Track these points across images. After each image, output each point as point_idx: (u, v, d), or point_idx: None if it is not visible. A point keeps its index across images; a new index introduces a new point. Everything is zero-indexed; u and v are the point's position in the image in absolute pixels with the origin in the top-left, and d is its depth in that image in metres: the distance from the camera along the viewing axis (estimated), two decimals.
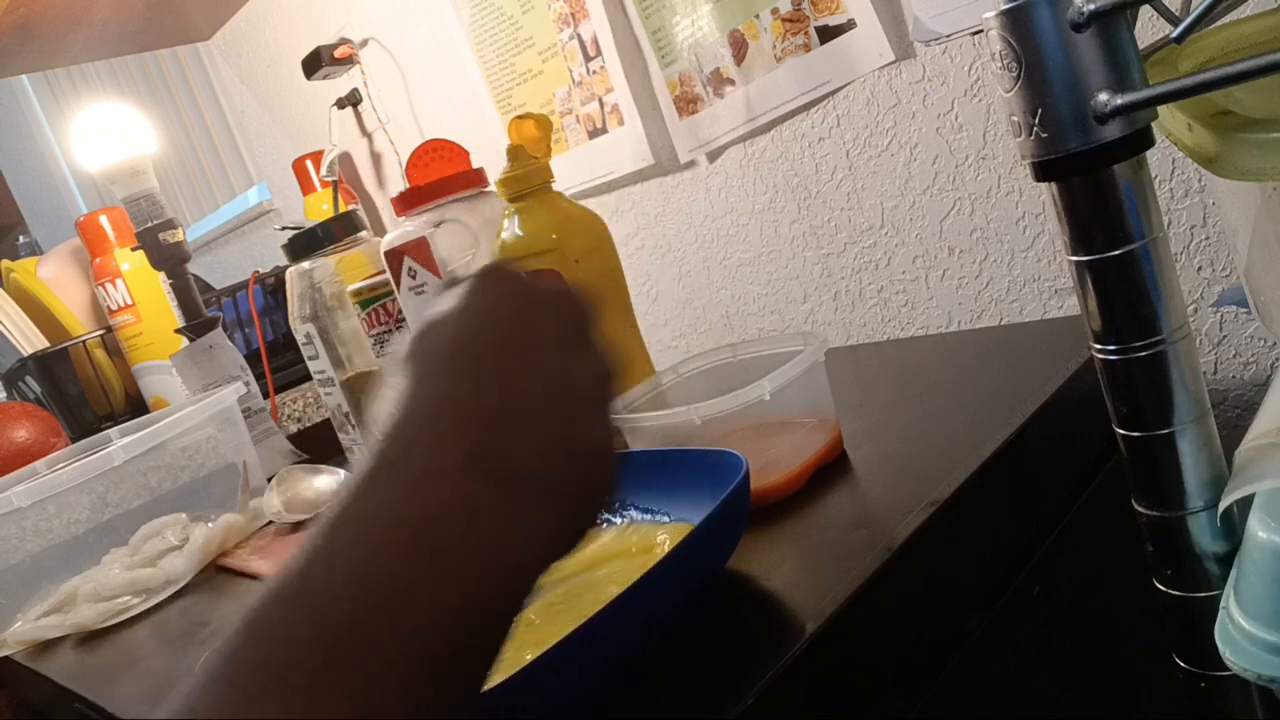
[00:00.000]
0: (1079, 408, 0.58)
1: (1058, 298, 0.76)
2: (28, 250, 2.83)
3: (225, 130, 1.89)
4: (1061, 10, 0.34)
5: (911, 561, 0.46)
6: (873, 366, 0.79)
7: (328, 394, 1.04)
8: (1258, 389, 0.69)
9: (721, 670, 0.41)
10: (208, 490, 0.99)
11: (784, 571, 0.47)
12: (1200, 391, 0.38)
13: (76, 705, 0.69)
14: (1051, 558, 0.54)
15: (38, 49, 1.32)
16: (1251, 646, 0.35)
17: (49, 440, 1.26)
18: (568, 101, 1.04)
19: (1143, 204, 0.37)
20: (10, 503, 0.85)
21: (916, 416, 0.62)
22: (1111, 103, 0.34)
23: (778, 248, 0.94)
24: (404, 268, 0.82)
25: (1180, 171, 0.67)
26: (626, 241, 1.07)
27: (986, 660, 0.50)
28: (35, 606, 0.86)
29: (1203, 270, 0.68)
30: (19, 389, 1.57)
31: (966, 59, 0.74)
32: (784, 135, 0.88)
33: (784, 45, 0.83)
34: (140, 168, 1.17)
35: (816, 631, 0.41)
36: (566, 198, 0.76)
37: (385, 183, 1.42)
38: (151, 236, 1.17)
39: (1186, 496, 0.39)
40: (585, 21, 0.97)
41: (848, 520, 0.50)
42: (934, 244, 0.82)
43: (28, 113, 2.87)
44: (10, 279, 1.52)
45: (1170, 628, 0.42)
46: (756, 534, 0.51)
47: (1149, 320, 0.37)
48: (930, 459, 0.54)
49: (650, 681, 0.42)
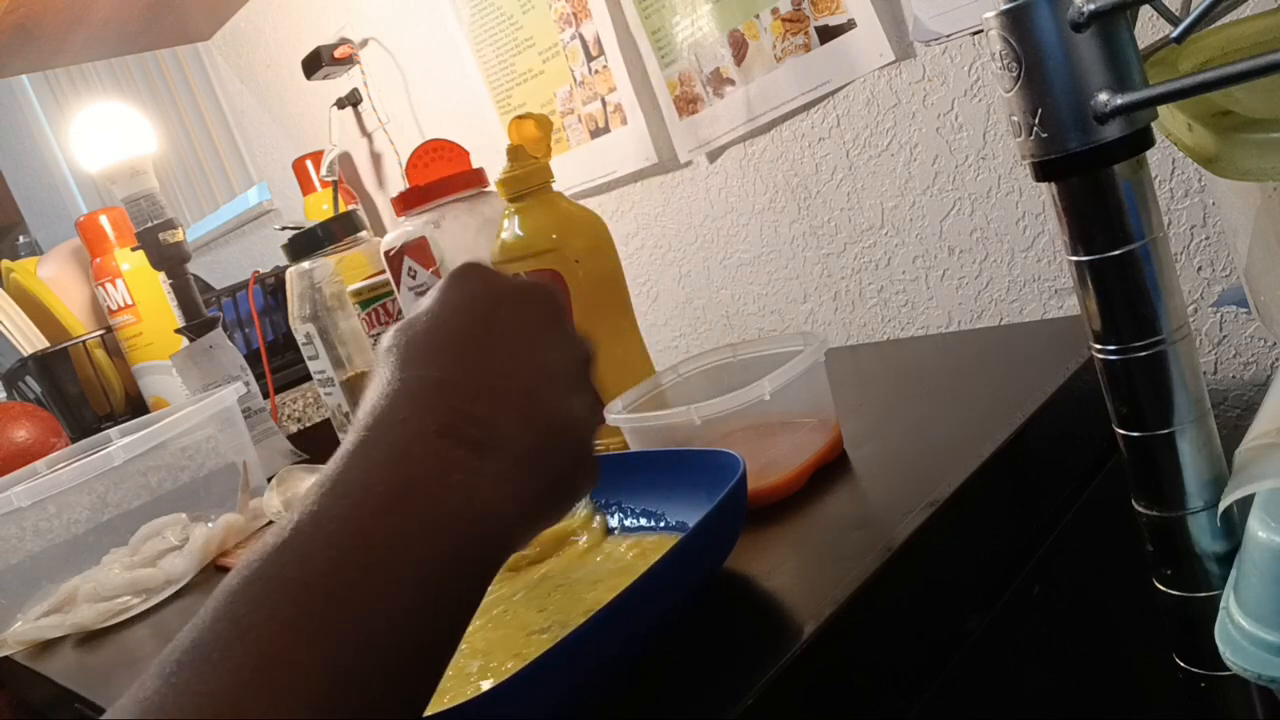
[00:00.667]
0: (1079, 408, 0.58)
1: (1058, 298, 0.76)
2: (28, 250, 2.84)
3: (225, 130, 1.89)
4: (1061, 10, 0.34)
5: (911, 561, 0.46)
6: (873, 366, 0.79)
7: (328, 394, 1.04)
8: (1258, 389, 0.69)
9: (721, 670, 0.41)
10: (208, 490, 0.99)
11: (784, 571, 0.47)
12: (1200, 391, 0.38)
13: (76, 705, 0.69)
14: (1051, 558, 0.54)
15: (38, 49, 1.32)
16: (1251, 646, 0.35)
17: (49, 440, 1.26)
18: (569, 101, 1.04)
19: (1143, 204, 0.37)
20: (10, 503, 0.85)
21: (916, 416, 0.62)
22: (1111, 103, 0.34)
23: (778, 248, 0.94)
24: (404, 268, 0.82)
25: (1180, 171, 0.67)
26: (626, 241, 1.07)
27: (986, 660, 0.50)
28: (35, 606, 0.86)
29: (1203, 270, 0.68)
30: (19, 389, 1.57)
31: (966, 59, 0.74)
32: (784, 135, 0.88)
33: (784, 45, 0.83)
34: (140, 168, 1.17)
35: (816, 631, 0.41)
36: (566, 198, 0.76)
37: (385, 183, 1.42)
38: (151, 236, 1.17)
39: (1186, 496, 0.39)
40: (588, 21, 0.97)
41: (848, 520, 0.50)
42: (934, 244, 0.82)
43: (28, 113, 2.87)
44: (10, 279, 1.52)
45: (1170, 628, 0.42)
46: (756, 534, 0.51)
47: (1149, 320, 0.37)
48: (930, 459, 0.54)
49: (650, 681, 0.42)
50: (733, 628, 0.44)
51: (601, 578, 0.52)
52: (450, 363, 0.34)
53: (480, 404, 0.33)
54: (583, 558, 0.55)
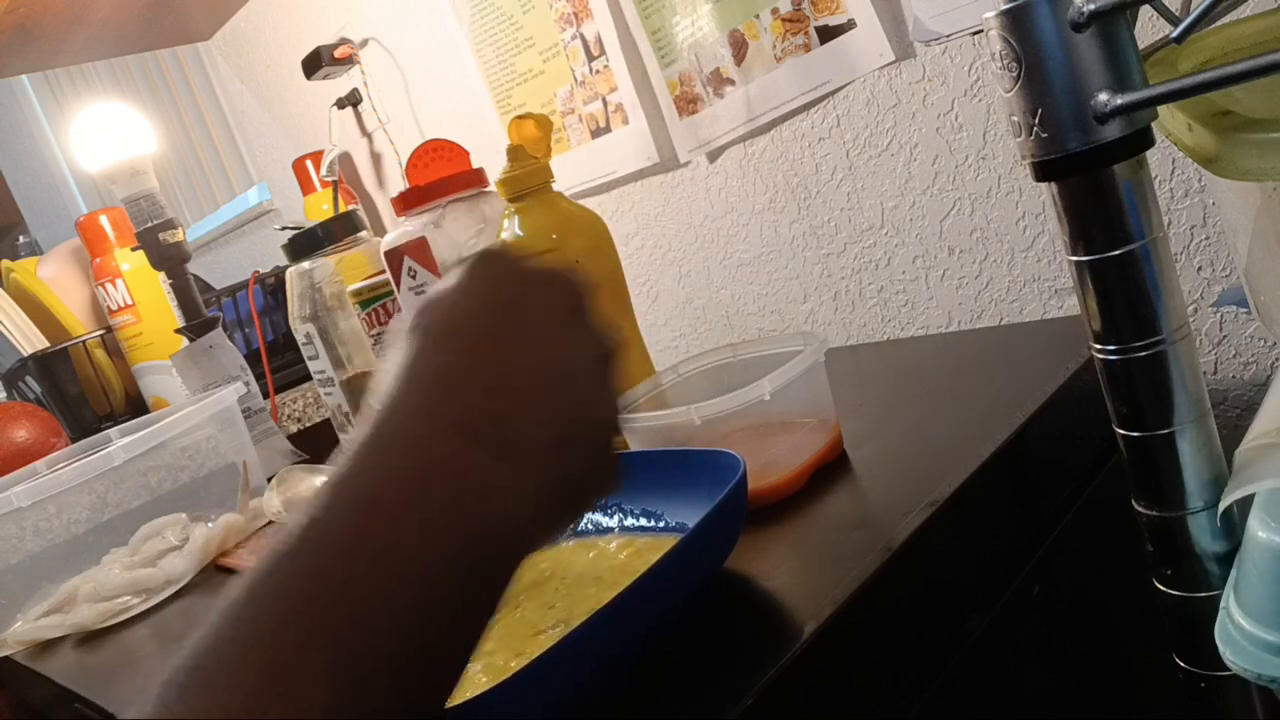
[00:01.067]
0: (1079, 408, 0.58)
1: (1058, 298, 0.76)
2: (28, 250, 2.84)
3: (225, 130, 1.89)
4: (1061, 10, 0.34)
5: (911, 561, 0.46)
6: (873, 366, 0.79)
7: (328, 394, 1.04)
8: (1258, 389, 0.69)
9: (721, 670, 0.41)
10: (208, 490, 0.99)
11: (784, 572, 0.47)
12: (1200, 391, 0.38)
13: (76, 705, 0.69)
14: (1051, 558, 0.54)
15: (38, 49, 1.32)
16: (1251, 646, 0.35)
17: (49, 440, 1.26)
18: (569, 101, 1.04)
19: (1143, 204, 0.37)
20: (10, 503, 0.85)
21: (916, 416, 0.62)
22: (1111, 103, 0.34)
23: (778, 248, 0.94)
24: (404, 268, 0.82)
25: (1180, 171, 0.67)
26: (626, 241, 1.07)
27: (986, 660, 0.50)
28: (35, 606, 0.86)
29: (1203, 270, 0.68)
30: (19, 389, 1.57)
31: (966, 59, 0.74)
32: (784, 135, 0.88)
33: (784, 45, 0.83)
34: (140, 168, 1.17)
35: (816, 631, 0.41)
36: (566, 198, 0.76)
37: (385, 183, 1.42)
38: (151, 236, 1.17)
39: (1186, 496, 0.39)
40: (588, 21, 0.97)
41: (848, 520, 0.50)
42: (934, 244, 0.82)
43: (28, 113, 2.87)
44: (10, 279, 1.52)
45: (1170, 628, 0.42)
46: (756, 534, 0.51)
47: (1149, 320, 0.37)
48: (930, 459, 0.54)
49: (650, 681, 0.42)
50: (733, 628, 0.44)
51: (602, 574, 0.52)
52: (470, 351, 0.33)
53: (500, 400, 0.32)
54: (583, 557, 0.55)
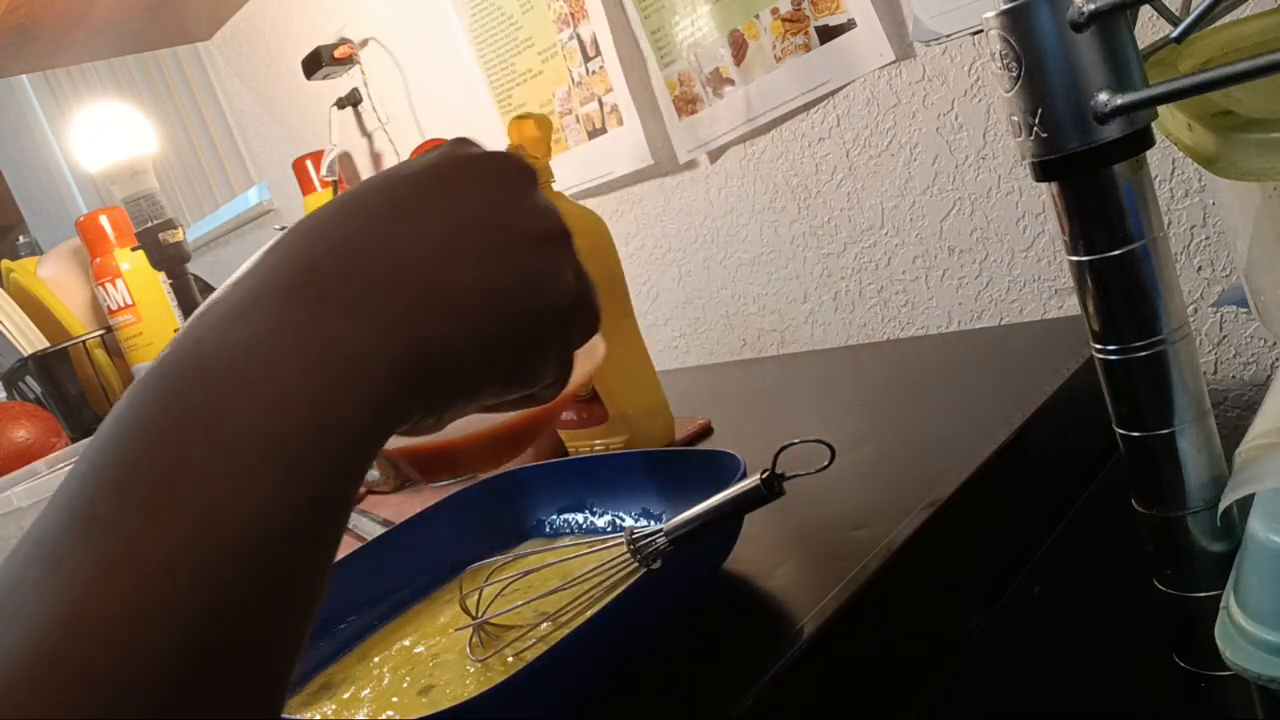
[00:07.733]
0: (1079, 408, 0.58)
1: (1058, 298, 0.76)
2: (28, 250, 2.84)
3: (225, 130, 1.89)
4: (1061, 10, 0.34)
5: (911, 561, 0.46)
6: (872, 366, 0.79)
7: None
8: (1258, 389, 0.69)
9: (721, 670, 0.41)
10: None
11: (784, 571, 0.47)
12: (1200, 391, 0.38)
13: None
14: (1051, 558, 0.54)
15: (38, 49, 1.32)
16: (1251, 646, 0.35)
17: (49, 440, 1.26)
18: (567, 101, 1.04)
19: (1143, 204, 0.37)
20: (10, 503, 0.85)
21: (916, 416, 0.62)
22: (1111, 103, 0.34)
23: (778, 248, 0.94)
24: None
25: (1180, 171, 0.67)
26: (626, 241, 1.07)
27: (986, 660, 0.50)
28: None
29: (1203, 270, 0.68)
30: (19, 389, 1.57)
31: (966, 59, 0.74)
32: (784, 135, 0.88)
33: (784, 45, 0.83)
34: (140, 168, 1.17)
35: (816, 631, 0.41)
36: (567, 198, 0.76)
37: None
38: (151, 236, 1.17)
39: (1186, 496, 0.39)
40: (585, 22, 0.97)
41: (848, 520, 0.50)
42: (934, 244, 0.82)
43: (28, 113, 2.87)
44: (10, 279, 1.52)
45: (1170, 628, 0.42)
46: (756, 534, 0.51)
47: (1149, 320, 0.37)
48: (930, 459, 0.54)
49: (650, 681, 0.42)
50: (733, 628, 0.44)
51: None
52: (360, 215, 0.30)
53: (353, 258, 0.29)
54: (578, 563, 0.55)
